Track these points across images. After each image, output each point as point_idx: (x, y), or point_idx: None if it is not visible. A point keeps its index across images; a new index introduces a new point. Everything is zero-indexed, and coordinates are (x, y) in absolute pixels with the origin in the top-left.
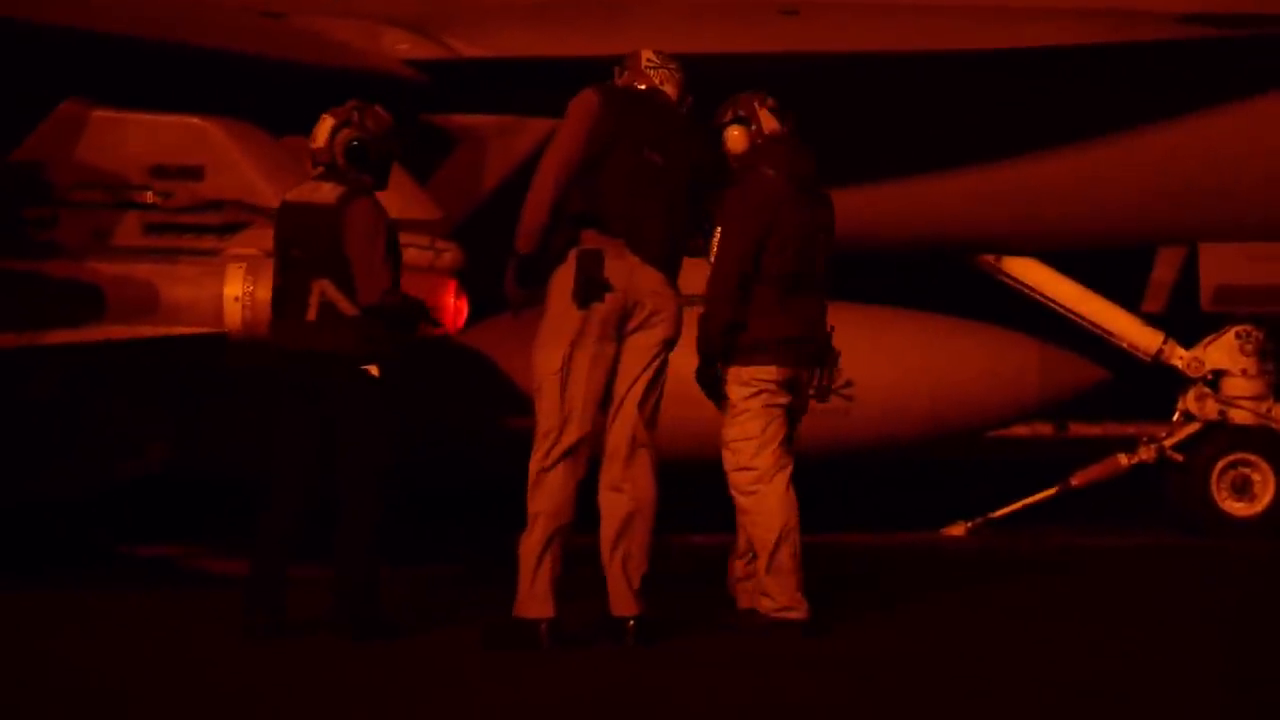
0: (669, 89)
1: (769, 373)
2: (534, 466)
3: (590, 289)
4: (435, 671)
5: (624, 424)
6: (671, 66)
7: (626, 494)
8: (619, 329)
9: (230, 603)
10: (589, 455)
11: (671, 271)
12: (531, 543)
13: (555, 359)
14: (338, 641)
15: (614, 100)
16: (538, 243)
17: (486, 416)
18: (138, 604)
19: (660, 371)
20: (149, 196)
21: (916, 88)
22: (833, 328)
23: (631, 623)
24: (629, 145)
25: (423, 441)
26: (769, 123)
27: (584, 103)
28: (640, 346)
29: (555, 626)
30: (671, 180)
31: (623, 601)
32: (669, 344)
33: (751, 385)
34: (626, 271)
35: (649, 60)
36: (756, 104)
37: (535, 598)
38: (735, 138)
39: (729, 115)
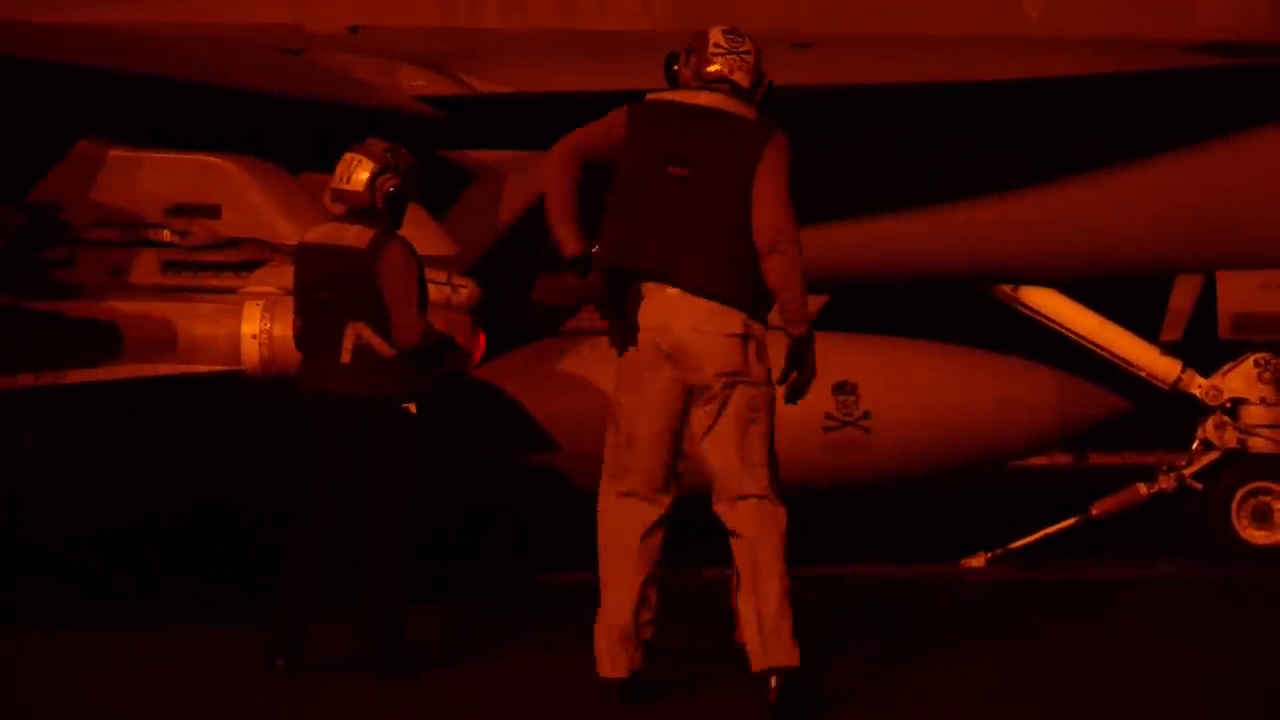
0: (739, 76)
1: None
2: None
3: (615, 335)
4: (458, 707)
5: (718, 475)
6: (742, 50)
7: (744, 539)
8: (675, 372)
9: (253, 640)
10: (655, 498)
11: (727, 296)
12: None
13: (612, 405)
14: (362, 677)
15: (639, 115)
16: (580, 242)
17: (504, 451)
18: (160, 640)
19: (740, 414)
20: (166, 235)
21: (930, 119)
22: None
23: (774, 679)
24: (650, 165)
25: (443, 477)
26: None
27: (608, 120)
28: (698, 388)
29: (627, 688)
30: (707, 194)
31: (758, 653)
32: (724, 377)
33: None
34: (661, 307)
35: (717, 45)
36: None
37: (602, 655)
38: None
39: None
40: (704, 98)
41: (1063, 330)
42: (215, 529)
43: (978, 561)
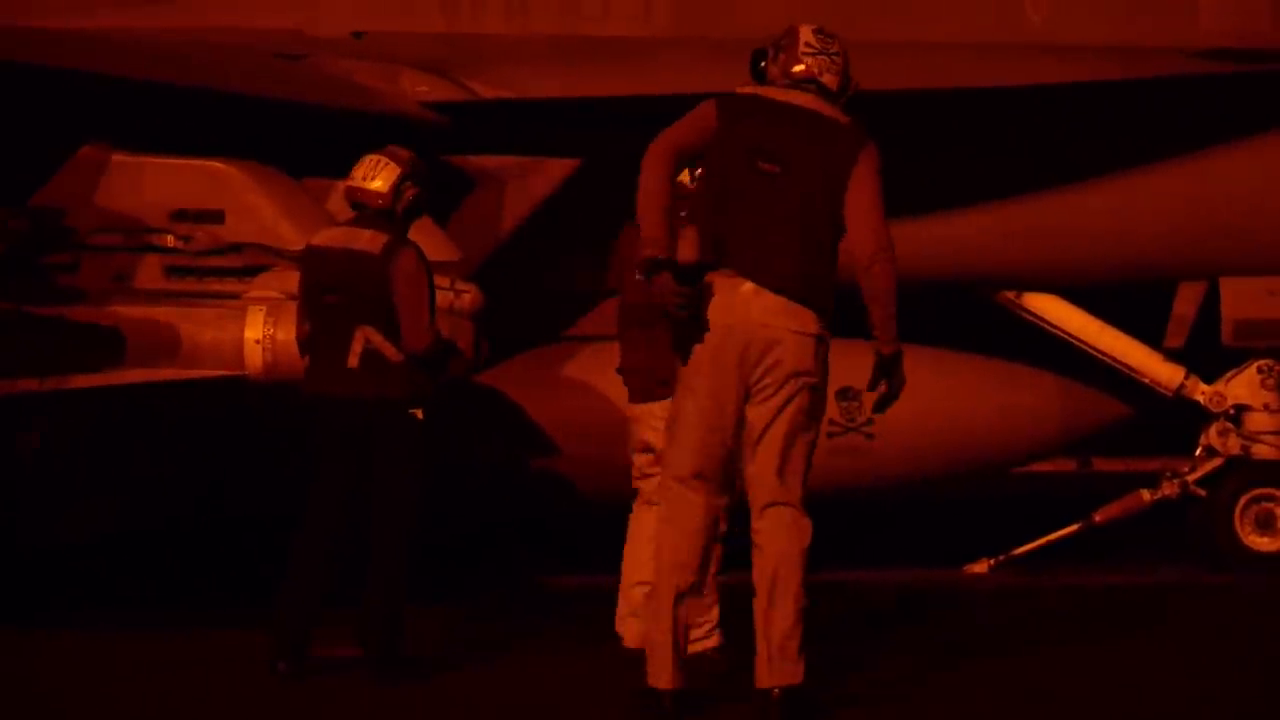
0: (827, 79)
1: None
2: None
3: (684, 331)
4: (458, 709)
5: (754, 479)
6: (833, 52)
7: (765, 551)
8: (739, 370)
9: (256, 644)
10: (716, 502)
11: (802, 295)
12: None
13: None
14: (364, 680)
15: (729, 107)
16: (662, 243)
17: (506, 455)
18: (162, 645)
19: (796, 417)
20: (169, 240)
21: (933, 125)
22: None
23: (776, 692)
24: (739, 157)
25: (446, 482)
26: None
27: (699, 112)
28: (763, 386)
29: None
30: (794, 192)
31: (763, 669)
32: (794, 378)
33: None
34: (735, 303)
35: (807, 45)
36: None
37: (654, 665)
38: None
39: None
40: (794, 96)
41: (1066, 336)
42: (218, 533)
43: (981, 567)
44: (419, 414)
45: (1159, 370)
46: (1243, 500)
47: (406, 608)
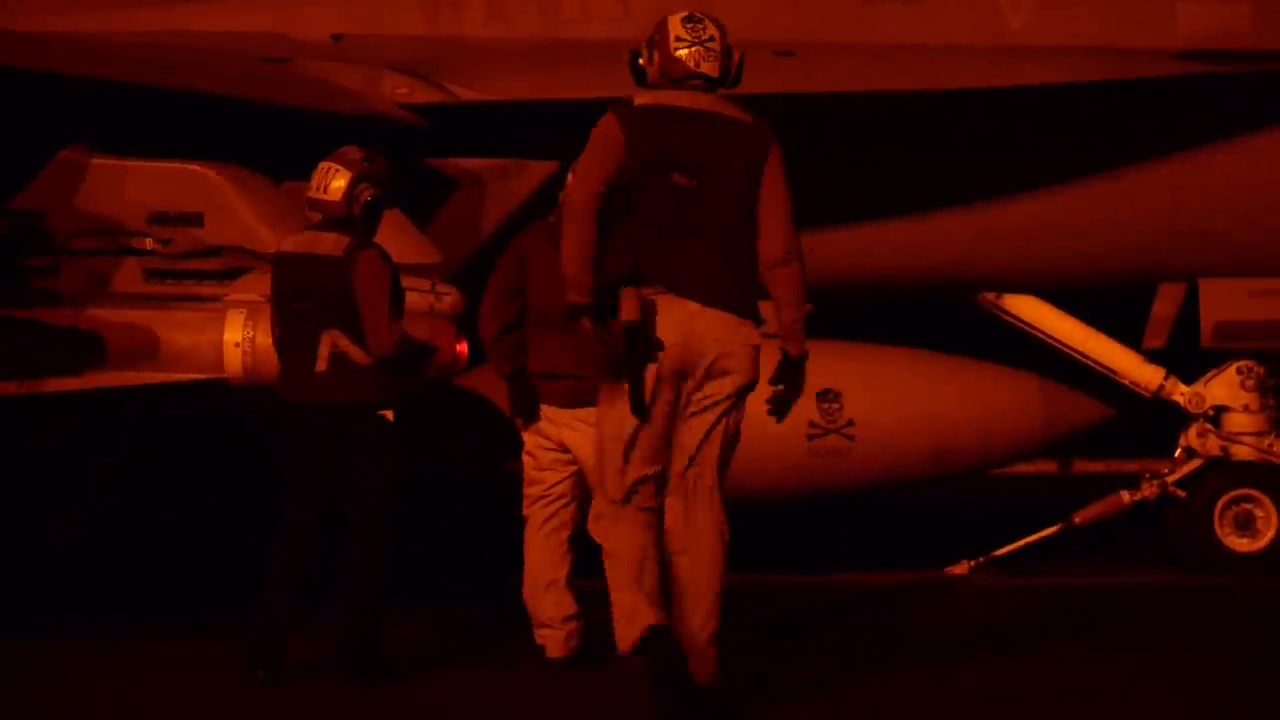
0: (707, 68)
1: None
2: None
3: (622, 360)
4: (435, 715)
5: (677, 468)
6: (706, 39)
7: (676, 539)
8: (684, 387)
9: (232, 653)
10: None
11: (743, 309)
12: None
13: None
14: (341, 686)
15: (630, 121)
16: (589, 290)
17: (488, 460)
18: (138, 651)
19: (733, 427)
20: (149, 243)
21: (914, 127)
22: None
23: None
24: (652, 172)
25: (426, 485)
26: None
27: (602, 132)
28: (707, 398)
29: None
30: (713, 204)
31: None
32: (742, 393)
33: None
34: (684, 322)
35: (678, 39)
36: None
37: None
38: None
39: None
40: (688, 99)
41: (1046, 338)
42: (198, 538)
43: (961, 569)
44: (389, 416)
45: (1138, 371)
46: (1222, 501)
47: (383, 613)
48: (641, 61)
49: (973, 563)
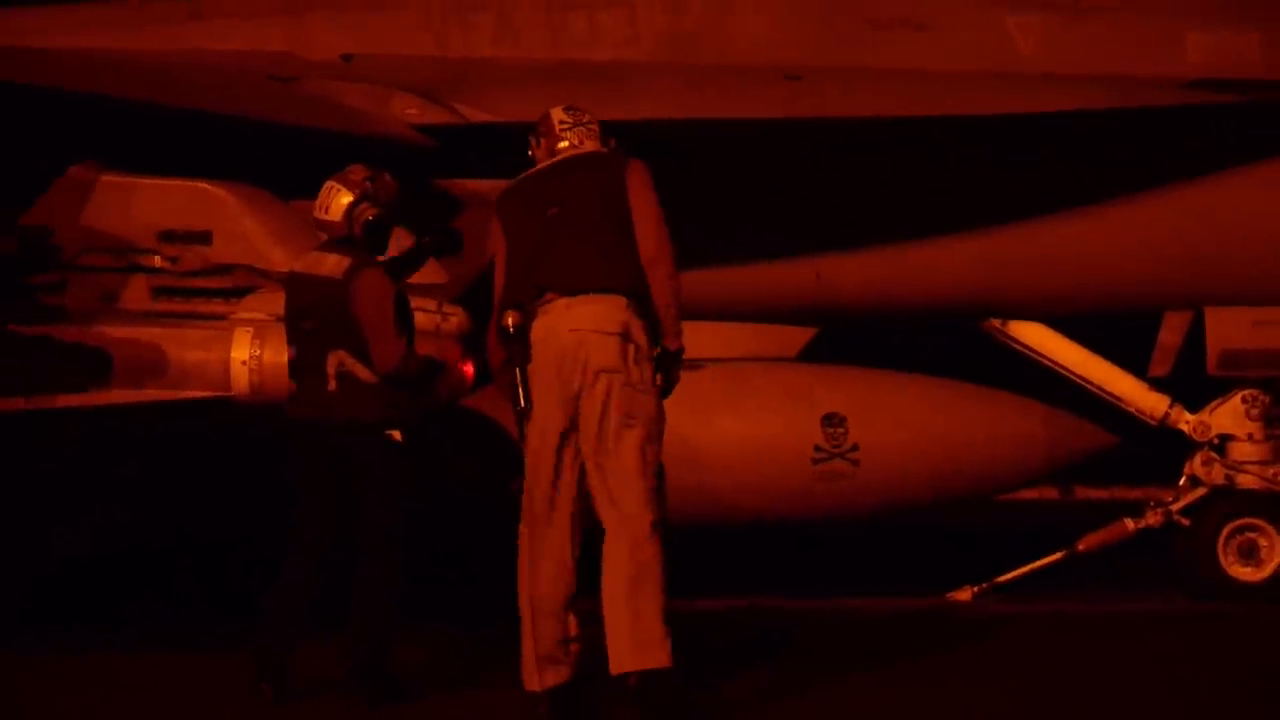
0: (588, 145)
1: None
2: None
3: (511, 349)
4: None
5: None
6: (585, 121)
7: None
8: (560, 377)
9: (239, 669)
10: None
11: (617, 287)
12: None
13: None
14: (349, 704)
15: (504, 201)
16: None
17: (495, 478)
18: (145, 667)
19: (615, 415)
20: (157, 261)
21: (921, 152)
22: None
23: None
24: (529, 221)
25: (434, 505)
26: None
27: (493, 223)
28: (583, 390)
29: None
30: (576, 213)
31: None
32: (605, 373)
33: None
34: (549, 317)
35: (561, 123)
36: None
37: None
38: None
39: None
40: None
41: (1051, 365)
42: (204, 554)
43: (964, 595)
44: (397, 435)
45: (1144, 399)
46: (1226, 530)
47: (394, 633)
48: (530, 151)
49: (976, 588)
